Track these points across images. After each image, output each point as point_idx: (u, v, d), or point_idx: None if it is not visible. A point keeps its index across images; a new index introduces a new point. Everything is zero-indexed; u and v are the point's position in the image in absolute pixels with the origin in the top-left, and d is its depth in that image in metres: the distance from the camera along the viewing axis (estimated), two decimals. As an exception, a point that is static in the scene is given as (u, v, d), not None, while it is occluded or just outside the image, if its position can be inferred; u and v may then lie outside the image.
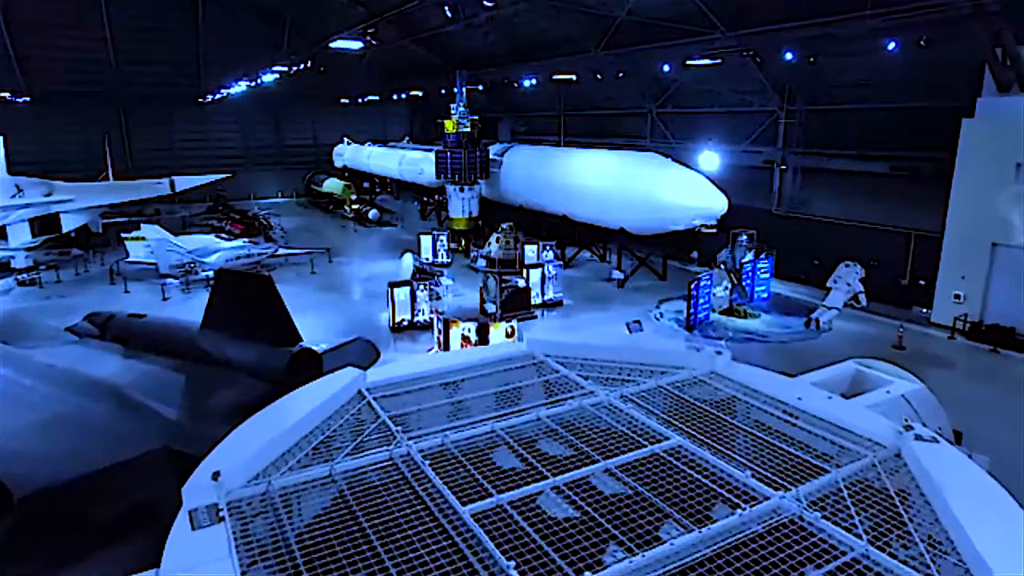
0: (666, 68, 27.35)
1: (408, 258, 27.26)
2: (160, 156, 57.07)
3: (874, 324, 24.05)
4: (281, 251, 33.71)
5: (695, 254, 33.31)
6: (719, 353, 7.15)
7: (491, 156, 37.42)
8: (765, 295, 26.85)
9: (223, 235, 34.32)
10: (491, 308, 23.57)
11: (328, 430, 5.46)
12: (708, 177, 26.41)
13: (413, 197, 52.46)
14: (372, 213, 46.69)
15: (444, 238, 33.84)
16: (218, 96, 49.09)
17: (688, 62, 24.44)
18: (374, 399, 5.98)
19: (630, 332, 21.11)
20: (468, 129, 34.99)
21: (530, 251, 31.11)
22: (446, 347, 18.48)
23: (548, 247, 30.90)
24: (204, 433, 6.21)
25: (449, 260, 33.93)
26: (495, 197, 38.48)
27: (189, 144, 58.92)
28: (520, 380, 6.76)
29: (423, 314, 23.81)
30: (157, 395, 11.35)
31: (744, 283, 25.72)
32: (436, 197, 45.94)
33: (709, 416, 5.79)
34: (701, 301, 23.67)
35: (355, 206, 49.25)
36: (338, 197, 51.82)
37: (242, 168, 61.13)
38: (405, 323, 23.49)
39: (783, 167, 29.59)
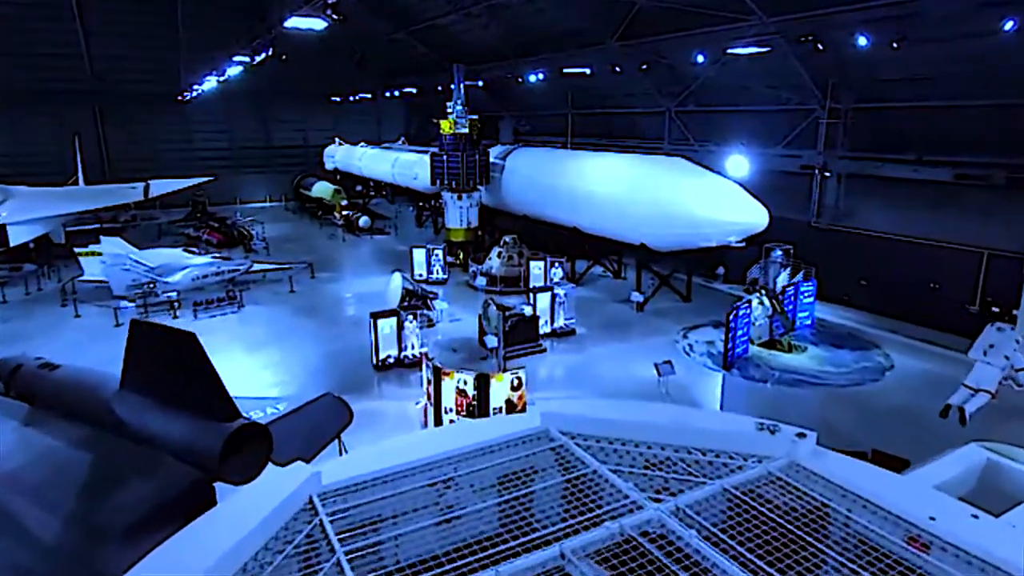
0: (700, 59, 23.70)
1: (397, 278, 23.70)
2: (139, 158, 53.58)
3: (938, 360, 20.43)
4: (257, 266, 30.11)
5: (721, 270, 29.75)
6: (801, 436, 5.15)
7: (492, 160, 33.85)
8: (808, 322, 23.25)
9: (192, 249, 30.70)
10: (492, 341, 20.00)
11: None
12: (744, 186, 22.79)
13: (408, 202, 48.90)
14: (363, 220, 43.09)
15: (440, 252, 30.23)
16: (193, 94, 45.38)
17: (729, 50, 20.80)
18: (329, 516, 4.46)
19: (660, 376, 17.60)
20: (466, 130, 31.41)
21: (536, 268, 27.54)
22: (437, 401, 14.89)
23: (557, 264, 27.30)
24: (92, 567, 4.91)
25: (445, 276, 30.35)
26: (496, 205, 34.88)
27: (171, 146, 55.39)
28: (533, 479, 5.08)
29: (413, 348, 20.25)
30: (47, 495, 7.85)
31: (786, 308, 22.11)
32: (432, 203, 42.40)
33: (798, 543, 4.12)
34: (739, 333, 20.09)
35: (345, 212, 45.64)
36: (327, 202, 48.25)
37: (228, 171, 57.68)
38: (391, 360, 19.91)
39: (827, 174, 25.97)
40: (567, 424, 5.47)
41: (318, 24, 15.90)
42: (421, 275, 30.27)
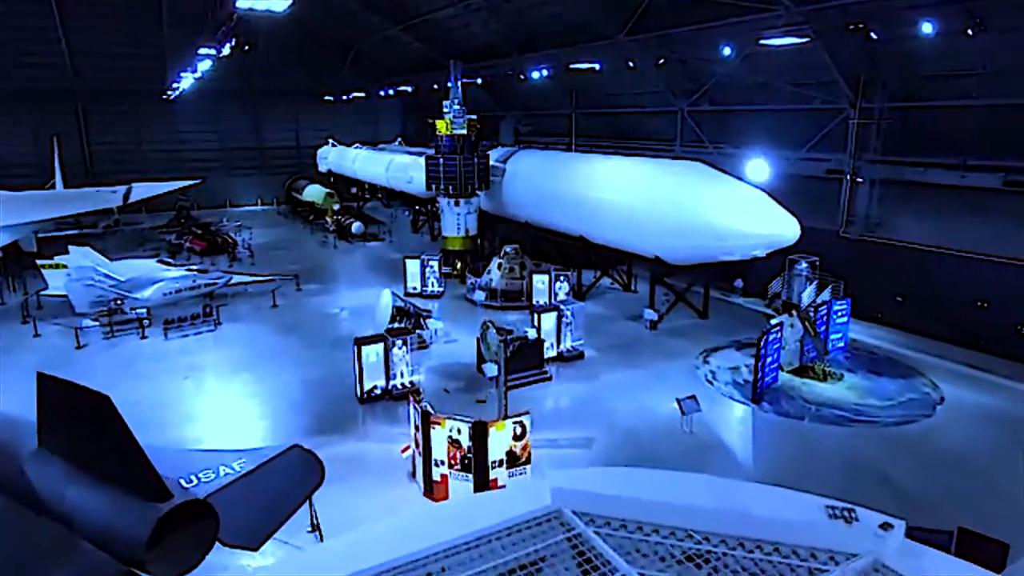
0: (727, 51, 21.42)
1: (387, 295, 21.48)
2: (124, 160, 51.44)
3: (992, 390, 18.22)
4: (237, 279, 27.86)
5: (739, 283, 27.50)
6: (886, 528, 3.56)
7: (492, 163, 31.60)
8: (840, 344, 21.02)
9: (168, 260, 28.48)
10: (491, 370, 17.76)
11: None
12: (771, 194, 20.54)
13: (405, 205, 46.64)
14: (355, 226, 40.84)
15: (435, 263, 27.98)
16: (176, 93, 43.09)
17: (763, 42, 18.52)
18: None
19: (684, 414, 15.37)
20: (464, 131, 29.17)
21: (539, 282, 25.30)
22: (426, 453, 12.66)
23: (562, 277, 25.05)
24: None
25: (441, 289, 28.10)
26: (496, 211, 32.63)
27: (157, 147, 53.24)
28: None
29: (402, 377, 18.02)
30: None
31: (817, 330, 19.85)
32: (429, 208, 40.18)
33: None
34: (769, 360, 17.86)
35: (337, 217, 43.38)
36: (319, 206, 46.01)
37: (217, 173, 55.48)
38: (378, 391, 17.67)
39: (859, 179, 23.71)
40: (584, 503, 4.48)
41: (278, 4, 13.70)
42: (415, 288, 28.05)
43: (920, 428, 15.98)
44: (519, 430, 12.41)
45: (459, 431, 12.25)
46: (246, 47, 21.22)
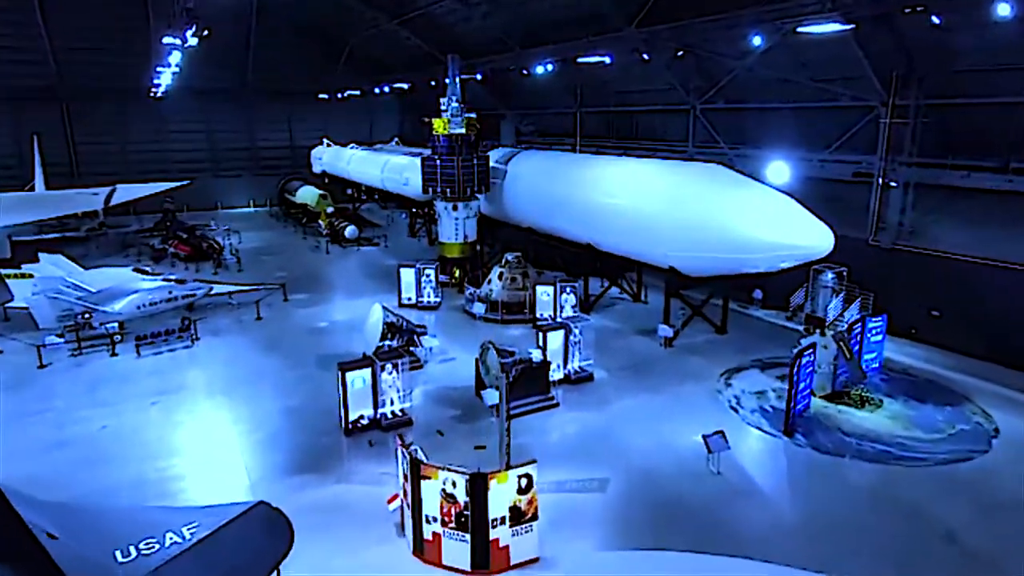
0: (756, 41, 19.50)
1: (377, 311, 19.61)
2: (111, 161, 49.71)
3: (1050, 417, 16.35)
4: (219, 288, 25.99)
5: (758, 294, 25.63)
6: None
7: (492, 164, 29.72)
8: (875, 365, 19.14)
9: (146, 268, 26.57)
10: (491, 397, 15.88)
11: None
12: (799, 199, 18.65)
13: (402, 207, 44.71)
14: (349, 230, 38.95)
15: (431, 271, 26.09)
16: (158, 89, 41.18)
17: (800, 28, 16.55)
18: None
19: (711, 452, 13.50)
20: (463, 130, 27.27)
21: (544, 294, 23.42)
22: (416, 508, 10.79)
23: (568, 289, 23.17)
24: None
25: (438, 300, 26.22)
26: (497, 216, 30.74)
27: (145, 147, 51.47)
28: None
29: (392, 404, 16.15)
30: None
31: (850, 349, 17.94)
32: (427, 210, 38.31)
33: None
34: (801, 386, 15.98)
35: (331, 220, 41.48)
36: (312, 209, 44.11)
37: (208, 174, 53.76)
38: (365, 421, 15.80)
39: (893, 184, 21.82)
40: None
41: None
42: (409, 299, 26.17)
43: (977, 467, 14.09)
44: (524, 482, 10.53)
45: (454, 484, 10.38)
46: (205, 32, 19.33)
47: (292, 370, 20.06)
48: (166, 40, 20.30)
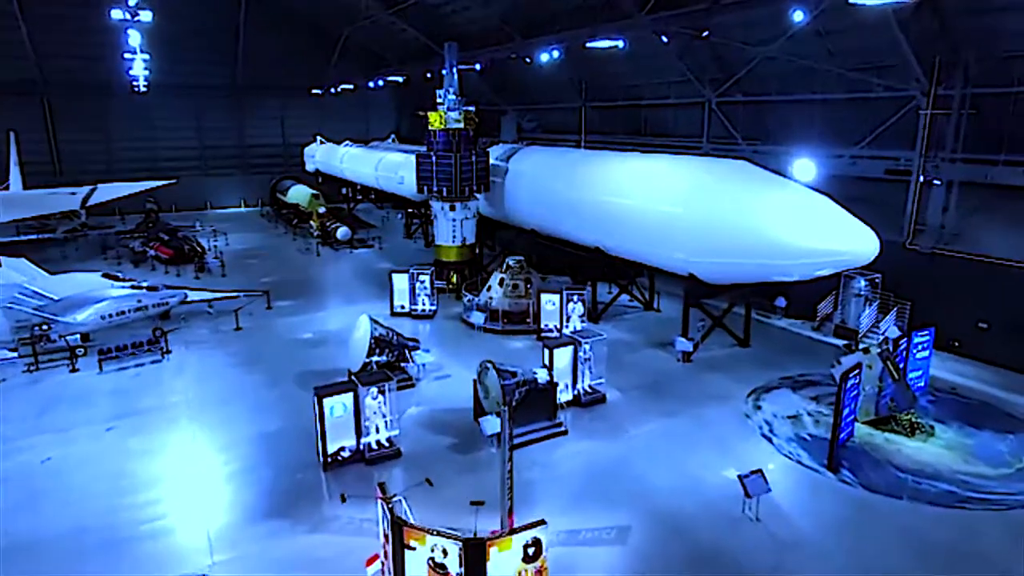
0: (798, 16, 17.41)
1: (364, 323, 17.62)
2: (96, 159, 47.72)
3: None
4: (195, 295, 23.98)
5: (781, 302, 23.62)
6: None
7: (492, 161, 27.72)
8: (920, 384, 17.11)
9: (117, 273, 24.49)
10: (490, 426, 13.89)
11: None
12: (835, 199, 16.63)
13: (399, 207, 42.69)
14: (341, 231, 36.93)
15: (426, 277, 24.07)
16: (136, 81, 39.01)
17: (854, 1, 14.46)
18: None
19: (749, 497, 11.47)
20: (460, 124, 25.26)
21: (549, 302, 21.41)
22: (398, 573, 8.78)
23: (576, 297, 21.16)
24: None
25: (433, 308, 24.20)
26: (498, 217, 28.75)
27: (131, 144, 49.37)
28: None
29: (378, 432, 14.15)
30: None
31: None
32: (423, 211, 36.32)
33: None
34: (845, 411, 13.97)
35: (322, 221, 39.45)
36: (304, 209, 42.08)
37: (197, 173, 51.73)
38: (347, 453, 13.79)
39: (936, 182, 19.80)
40: None
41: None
42: (402, 306, 24.16)
43: (1059, 513, 12.08)
44: (532, 550, 8.53)
45: (444, 553, 8.37)
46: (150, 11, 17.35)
47: (271, 388, 18.06)
48: (115, 15, 18.25)
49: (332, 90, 49.23)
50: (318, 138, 51.92)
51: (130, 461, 14.14)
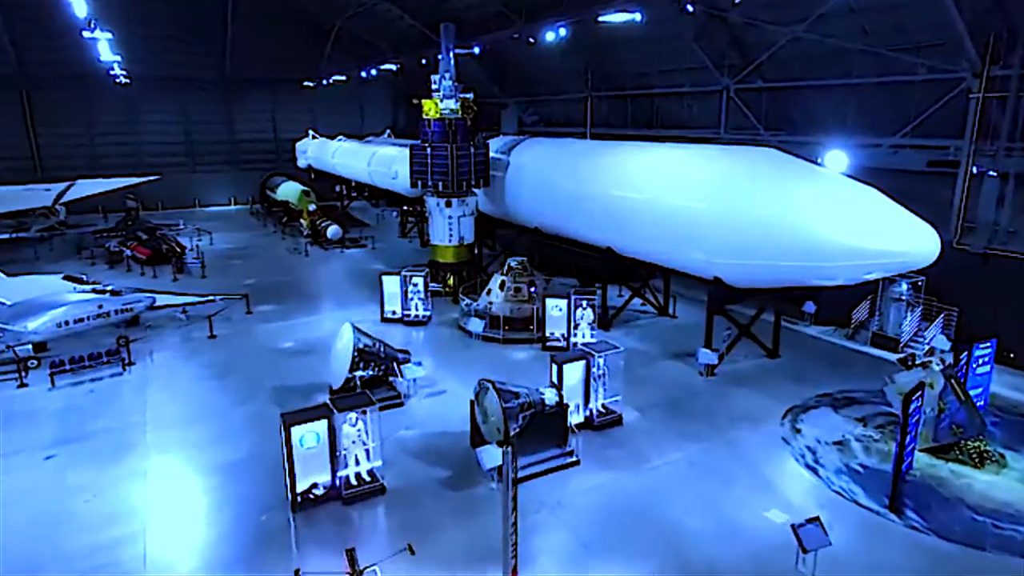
0: None
1: (346, 333, 15.54)
2: (78, 154, 45.65)
3: None
4: (166, 300, 21.88)
5: (811, 307, 21.52)
6: None
7: (492, 154, 25.62)
8: (981, 403, 15.00)
9: (82, 276, 22.36)
10: (490, 459, 11.81)
11: None
12: (887, 192, 14.52)
13: (394, 204, 40.56)
14: (332, 230, 34.84)
15: (420, 280, 21.97)
16: (112, 72, 36.86)
17: None
18: None
19: (805, 552, 9.36)
20: (457, 114, 23.17)
21: (555, 308, 19.31)
22: None
23: (585, 303, 19.04)
24: None
25: (427, 314, 22.09)
26: (498, 214, 26.64)
27: (116, 139, 47.21)
28: None
29: (358, 465, 12.05)
30: None
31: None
32: (418, 208, 34.21)
33: None
34: (907, 439, 11.88)
35: (313, 219, 37.35)
36: (294, 207, 39.99)
37: (184, 169, 49.67)
38: (320, 491, 11.68)
39: (992, 174, 17.68)
40: None
41: None
42: (393, 312, 22.07)
43: None
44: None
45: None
46: None
47: (242, 406, 15.96)
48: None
49: (324, 81, 47.08)
50: (310, 133, 49.83)
51: (67, 498, 12.03)
